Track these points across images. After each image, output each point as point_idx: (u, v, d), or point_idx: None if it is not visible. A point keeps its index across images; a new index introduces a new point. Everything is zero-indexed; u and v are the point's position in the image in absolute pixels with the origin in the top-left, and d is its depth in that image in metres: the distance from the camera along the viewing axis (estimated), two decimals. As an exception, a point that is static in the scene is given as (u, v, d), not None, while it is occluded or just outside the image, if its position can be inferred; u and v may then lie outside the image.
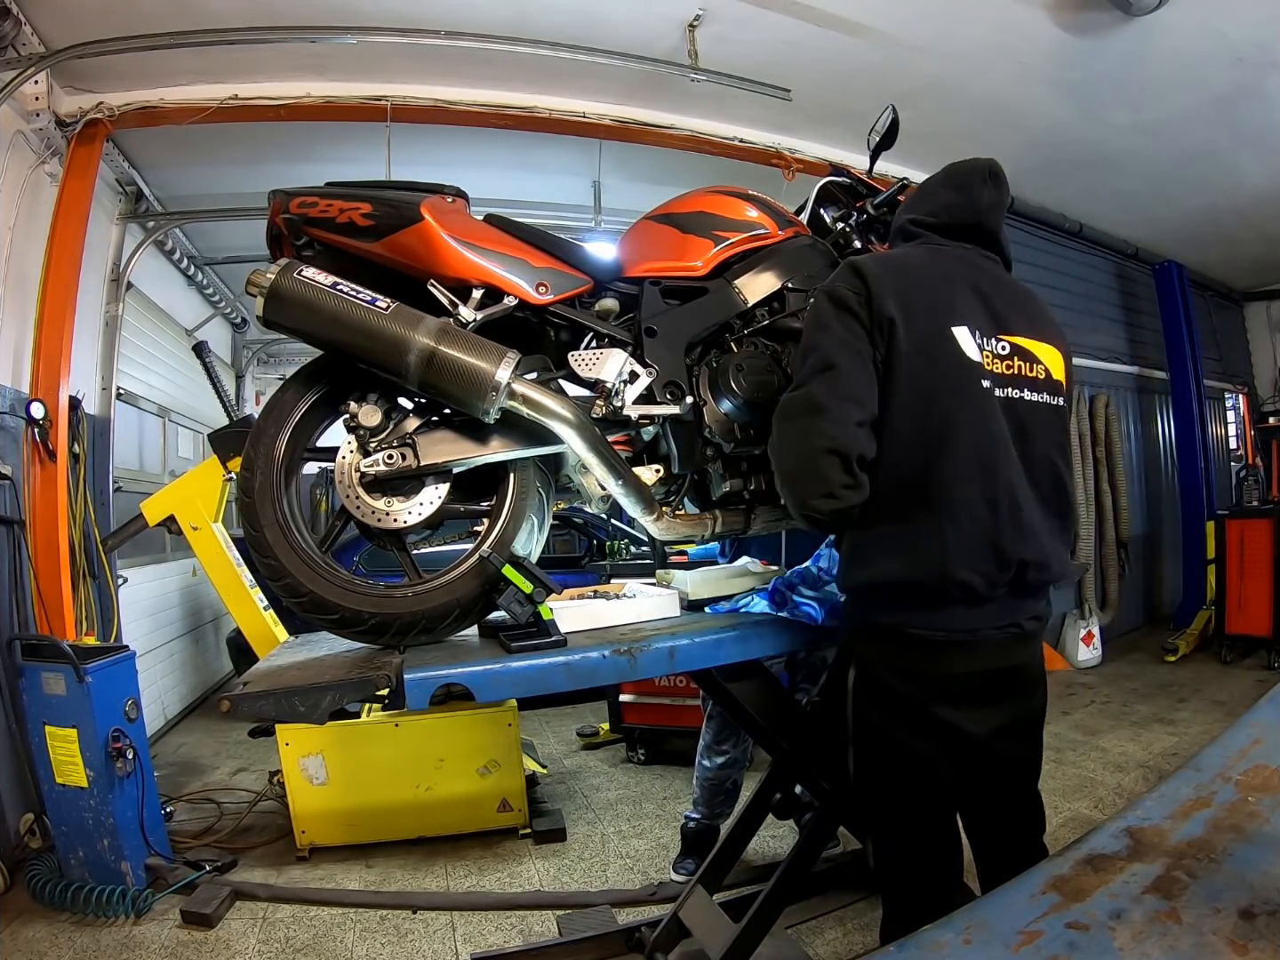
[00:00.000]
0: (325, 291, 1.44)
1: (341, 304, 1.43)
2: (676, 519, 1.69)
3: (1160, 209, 5.59)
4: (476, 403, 1.44)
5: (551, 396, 1.50)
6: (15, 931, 2.43)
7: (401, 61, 3.56)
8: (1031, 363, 1.36)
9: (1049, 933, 0.69)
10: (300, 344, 1.55)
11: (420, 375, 1.43)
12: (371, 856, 2.91)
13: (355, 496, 1.52)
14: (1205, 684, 4.71)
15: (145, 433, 5.15)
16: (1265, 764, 0.92)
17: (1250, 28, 3.50)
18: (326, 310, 1.43)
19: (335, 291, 1.44)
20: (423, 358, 1.41)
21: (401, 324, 1.43)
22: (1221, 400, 7.77)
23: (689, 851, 2.71)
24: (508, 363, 1.44)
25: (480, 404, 1.44)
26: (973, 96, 4.08)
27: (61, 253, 3.33)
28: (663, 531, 1.67)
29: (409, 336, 1.42)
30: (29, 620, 3.08)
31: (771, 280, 1.79)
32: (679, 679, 3.41)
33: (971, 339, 1.31)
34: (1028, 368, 1.35)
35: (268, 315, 1.46)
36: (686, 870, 2.65)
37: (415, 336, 1.42)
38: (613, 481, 1.58)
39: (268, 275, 1.45)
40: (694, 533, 1.72)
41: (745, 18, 3.43)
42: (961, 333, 1.31)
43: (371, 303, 1.44)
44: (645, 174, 4.60)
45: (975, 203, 1.43)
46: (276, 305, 1.44)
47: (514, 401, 1.47)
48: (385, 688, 1.30)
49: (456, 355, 1.42)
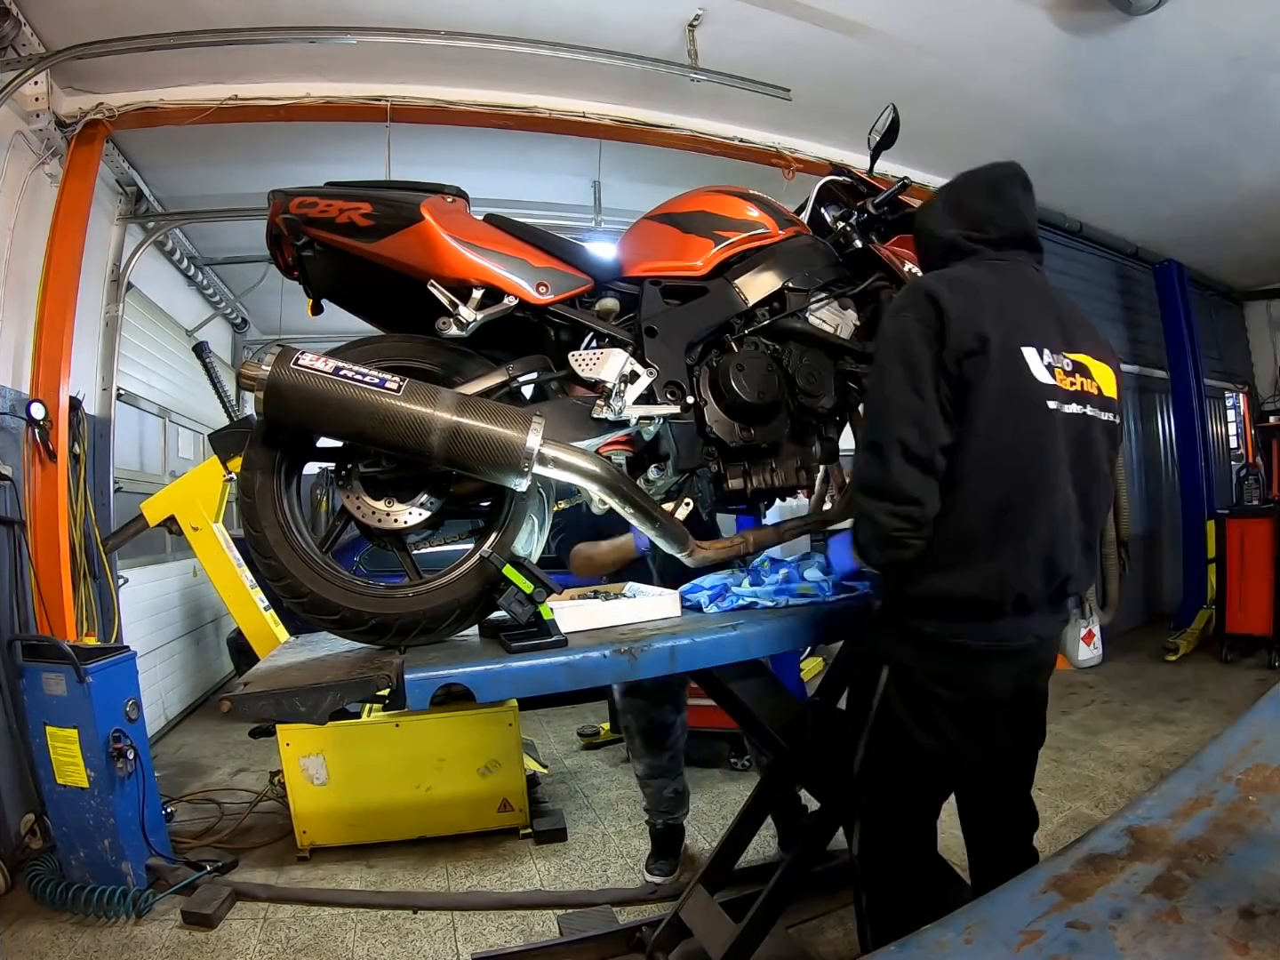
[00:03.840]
0: (329, 380, 1.34)
1: (348, 390, 1.34)
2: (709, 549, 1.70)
3: (1160, 208, 5.58)
4: (509, 474, 1.40)
5: (582, 456, 1.48)
6: (16, 932, 2.43)
7: (401, 62, 3.55)
8: (1090, 379, 1.41)
9: (1050, 932, 0.69)
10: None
11: (445, 453, 1.36)
12: (372, 856, 2.91)
13: (356, 497, 1.52)
14: (1206, 683, 4.71)
15: (145, 433, 5.15)
16: (1266, 763, 0.92)
17: (1250, 28, 3.50)
18: (333, 401, 1.33)
19: (340, 378, 1.35)
20: (446, 436, 1.35)
21: (417, 402, 1.35)
22: (1222, 399, 7.77)
23: (660, 852, 2.75)
24: (535, 429, 1.39)
25: (513, 475, 1.40)
26: (973, 96, 4.08)
27: (61, 253, 3.33)
28: (698, 563, 1.68)
29: (429, 415, 1.34)
30: (29, 621, 3.08)
31: (772, 280, 1.78)
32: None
33: (1039, 360, 1.33)
34: (1089, 384, 1.40)
35: (269, 413, 1.36)
36: (661, 871, 2.70)
37: (435, 414, 1.34)
38: (648, 528, 1.59)
39: (262, 368, 1.34)
40: (729, 557, 1.74)
41: (745, 18, 3.43)
42: (1030, 354, 1.33)
43: (380, 385, 1.35)
44: (645, 174, 4.59)
45: (1020, 212, 1.46)
46: (277, 402, 1.34)
47: (544, 466, 1.43)
48: (386, 688, 1.29)
49: (482, 426, 1.36)
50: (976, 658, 1.37)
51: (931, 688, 1.39)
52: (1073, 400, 1.35)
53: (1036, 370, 1.33)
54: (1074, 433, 1.35)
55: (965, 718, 1.39)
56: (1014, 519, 1.31)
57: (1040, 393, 1.32)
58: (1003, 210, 1.46)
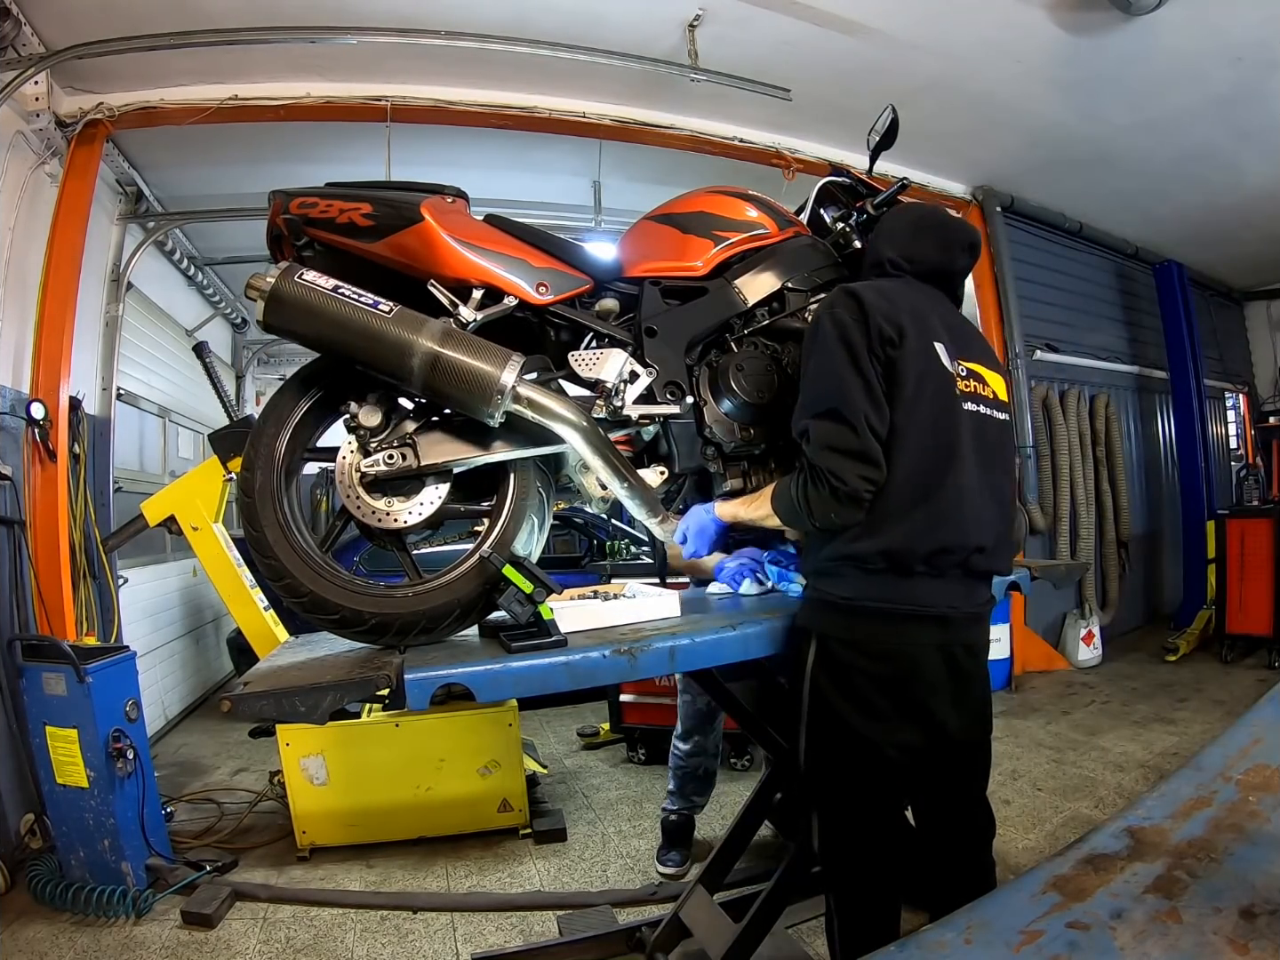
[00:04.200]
0: (326, 295, 1.42)
1: (343, 308, 1.42)
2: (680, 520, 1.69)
3: (1160, 208, 5.59)
4: (481, 406, 1.44)
5: (556, 399, 1.50)
6: (16, 932, 2.43)
7: (401, 62, 3.56)
8: (984, 384, 1.54)
9: (1050, 932, 0.69)
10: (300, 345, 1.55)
11: (424, 379, 1.42)
12: (372, 857, 2.91)
13: (356, 496, 1.52)
14: (1205, 683, 4.71)
15: (145, 433, 5.15)
16: (1266, 763, 0.92)
17: (1250, 27, 3.50)
18: (328, 314, 1.42)
19: (336, 295, 1.43)
20: (426, 361, 1.41)
21: (404, 327, 1.42)
22: (1222, 399, 7.77)
23: (670, 843, 2.76)
24: (512, 365, 1.43)
25: (485, 408, 1.44)
26: (973, 96, 4.08)
27: (61, 253, 3.34)
28: (668, 534, 1.68)
29: (412, 340, 1.41)
30: (29, 620, 3.08)
31: (771, 280, 1.79)
32: (679, 679, 3.41)
33: (946, 355, 1.48)
34: (981, 387, 1.53)
35: (268, 319, 1.44)
36: (673, 862, 2.70)
37: (418, 340, 1.41)
38: (617, 485, 1.58)
39: (267, 279, 1.43)
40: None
41: (745, 18, 3.43)
42: (940, 348, 1.48)
43: (373, 306, 1.43)
44: (645, 174, 4.60)
45: (952, 265, 1.62)
46: (277, 309, 1.43)
47: (518, 405, 1.46)
48: (386, 688, 1.29)
49: (460, 358, 1.42)
50: (894, 622, 1.42)
51: (852, 658, 1.44)
52: (969, 399, 1.49)
53: (946, 362, 1.47)
54: (974, 424, 1.48)
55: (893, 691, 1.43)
56: (926, 486, 1.41)
57: (951, 380, 1.46)
58: (940, 260, 1.60)
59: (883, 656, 1.43)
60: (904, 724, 1.44)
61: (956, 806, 1.57)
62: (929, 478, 1.42)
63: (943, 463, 1.42)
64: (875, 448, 1.38)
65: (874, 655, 1.43)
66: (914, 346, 1.43)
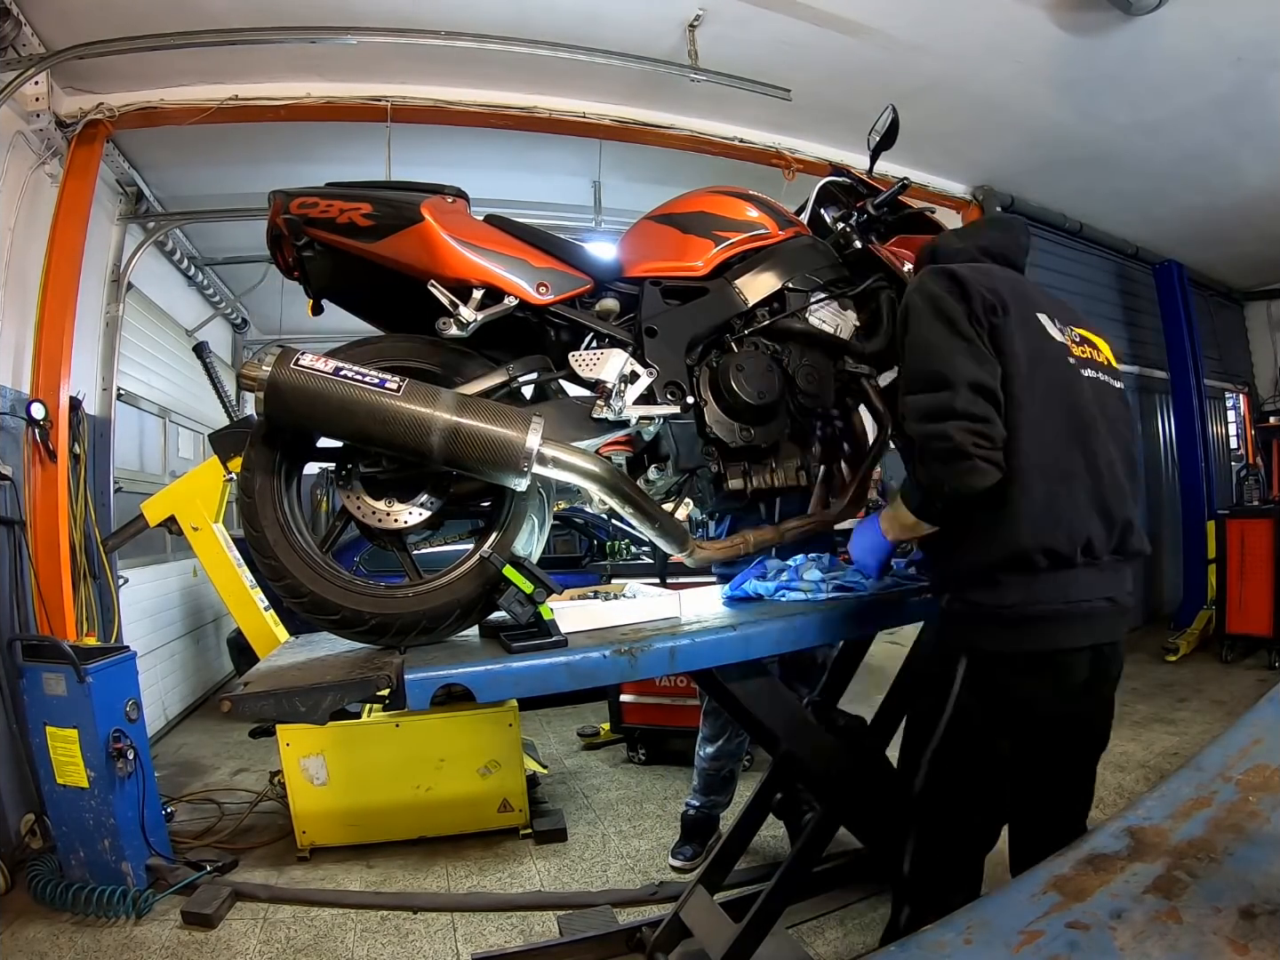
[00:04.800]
0: (329, 380, 1.35)
1: (350, 391, 1.35)
2: (708, 549, 1.70)
3: (1160, 209, 5.58)
4: (508, 474, 1.40)
5: (581, 456, 1.48)
6: (16, 932, 2.43)
7: (401, 62, 3.56)
8: (1097, 350, 1.48)
9: (1049, 932, 0.69)
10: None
11: (446, 453, 1.37)
12: (372, 857, 2.91)
13: (356, 497, 1.52)
14: (1206, 684, 4.70)
15: (145, 433, 5.15)
16: (1266, 764, 0.92)
17: (1250, 28, 3.50)
18: (334, 401, 1.34)
19: (340, 379, 1.36)
20: (446, 436, 1.36)
21: (417, 402, 1.36)
22: (1222, 400, 7.76)
23: (687, 838, 2.78)
24: (535, 429, 1.39)
25: (512, 475, 1.40)
26: (973, 96, 4.08)
27: (62, 253, 3.33)
28: (698, 563, 1.69)
29: (428, 416, 1.35)
30: (29, 621, 3.08)
31: (772, 280, 1.78)
32: (679, 679, 3.41)
33: (1053, 324, 1.42)
34: (1096, 354, 1.47)
35: (269, 412, 1.37)
36: (684, 855, 2.72)
37: (435, 414, 1.35)
38: (648, 528, 1.59)
39: (263, 368, 1.35)
40: (729, 556, 1.75)
41: (745, 18, 3.43)
42: (1044, 319, 1.42)
43: (380, 385, 1.36)
44: (645, 174, 4.59)
45: (1017, 243, 1.60)
46: (277, 401, 1.35)
47: (543, 466, 1.44)
48: (386, 688, 1.29)
49: (482, 426, 1.37)
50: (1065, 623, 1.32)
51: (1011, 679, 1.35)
52: (1087, 366, 1.41)
53: (1053, 331, 1.40)
54: (1096, 392, 1.40)
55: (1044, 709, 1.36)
56: (1062, 467, 1.33)
57: (1062, 350, 1.39)
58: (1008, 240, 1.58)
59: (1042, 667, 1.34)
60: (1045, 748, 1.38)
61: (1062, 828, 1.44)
62: (1068, 459, 1.33)
63: (1079, 438, 1.34)
64: (983, 405, 1.28)
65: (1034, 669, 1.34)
66: (1018, 317, 1.37)
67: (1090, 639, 1.35)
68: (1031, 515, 1.31)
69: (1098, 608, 1.35)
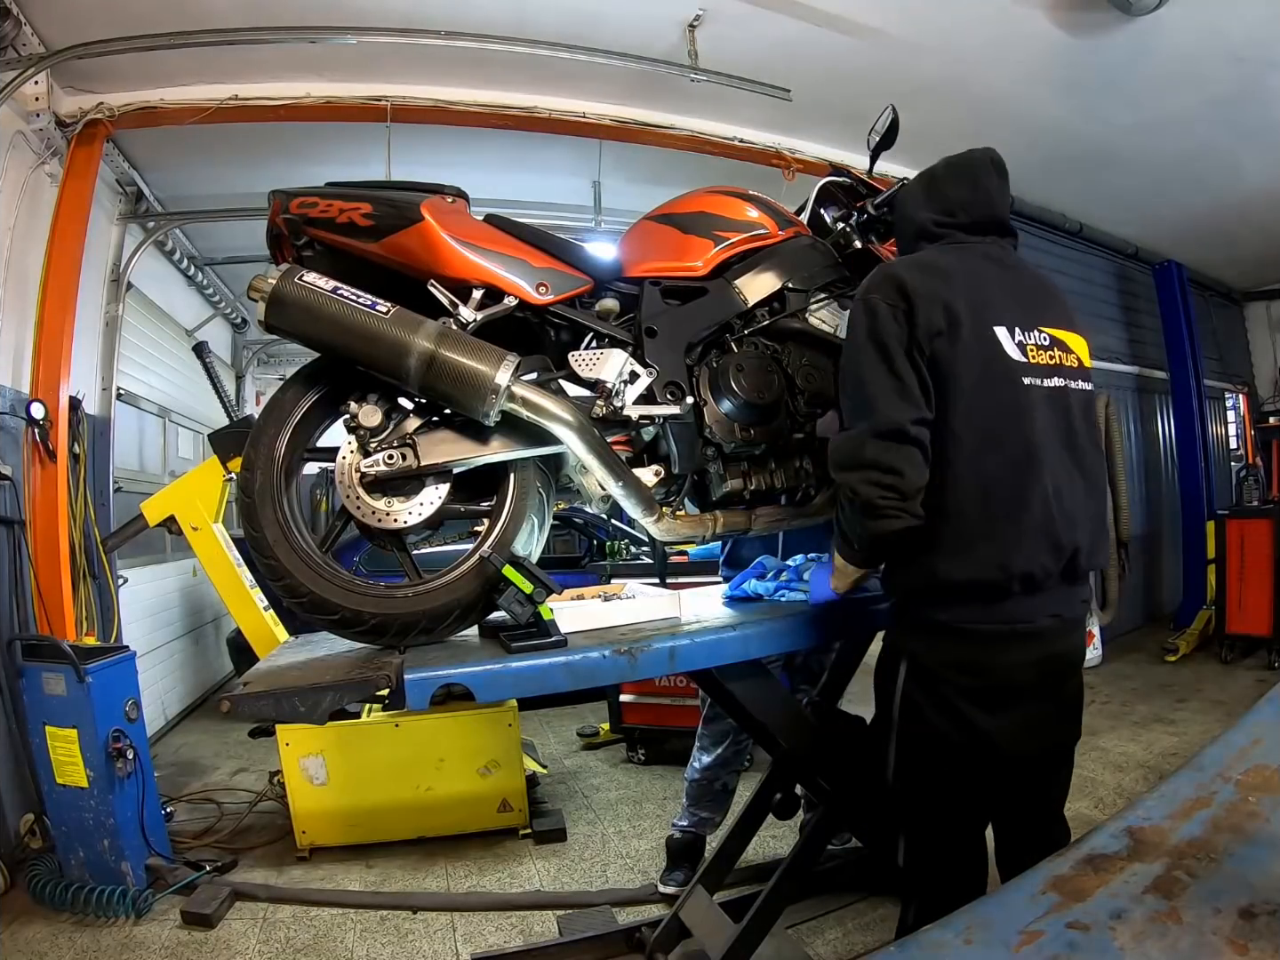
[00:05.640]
0: (326, 296, 1.44)
1: (342, 309, 1.43)
2: (677, 520, 1.68)
3: (1160, 208, 5.58)
4: (476, 405, 1.45)
5: (551, 398, 1.50)
6: (15, 932, 2.43)
7: (401, 62, 3.55)
8: (1067, 352, 1.42)
9: (1049, 933, 0.69)
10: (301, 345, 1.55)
11: (420, 379, 1.43)
12: (372, 857, 2.91)
13: (355, 496, 1.51)
14: (1205, 684, 4.71)
15: (145, 433, 5.15)
16: (1266, 764, 0.91)
17: (1250, 28, 3.50)
18: (327, 315, 1.43)
19: (336, 296, 1.44)
20: (423, 361, 1.42)
21: (401, 328, 1.43)
22: (1221, 400, 7.77)
23: (675, 863, 2.62)
24: (507, 365, 1.44)
25: (480, 406, 1.45)
26: (973, 96, 4.08)
27: (61, 253, 3.33)
28: (663, 533, 1.67)
29: (409, 340, 1.42)
30: (29, 620, 3.08)
31: (772, 280, 1.78)
32: (679, 679, 3.41)
33: (1011, 339, 1.35)
34: (1065, 356, 1.41)
35: (269, 320, 1.46)
36: (676, 881, 2.54)
37: (415, 340, 1.42)
38: (613, 483, 1.58)
39: (269, 280, 1.45)
40: (695, 533, 1.72)
41: (745, 18, 3.43)
42: (1002, 333, 1.35)
43: (372, 307, 1.44)
44: (645, 174, 4.59)
45: (990, 197, 1.47)
46: (278, 310, 1.44)
47: (513, 404, 1.47)
48: (385, 688, 1.29)
49: (456, 358, 1.43)
50: (991, 642, 1.34)
51: (946, 675, 1.36)
52: (1052, 374, 1.37)
53: (1010, 349, 1.34)
54: (1056, 407, 1.36)
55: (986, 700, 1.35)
56: (1004, 498, 1.31)
57: (1016, 370, 1.34)
58: (975, 196, 1.47)
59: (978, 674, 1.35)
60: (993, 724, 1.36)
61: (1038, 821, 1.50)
62: (1010, 489, 1.30)
63: (1022, 468, 1.31)
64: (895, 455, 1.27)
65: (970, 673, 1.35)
66: (970, 335, 1.31)
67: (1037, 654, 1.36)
68: (962, 553, 1.31)
69: (1042, 625, 1.35)
